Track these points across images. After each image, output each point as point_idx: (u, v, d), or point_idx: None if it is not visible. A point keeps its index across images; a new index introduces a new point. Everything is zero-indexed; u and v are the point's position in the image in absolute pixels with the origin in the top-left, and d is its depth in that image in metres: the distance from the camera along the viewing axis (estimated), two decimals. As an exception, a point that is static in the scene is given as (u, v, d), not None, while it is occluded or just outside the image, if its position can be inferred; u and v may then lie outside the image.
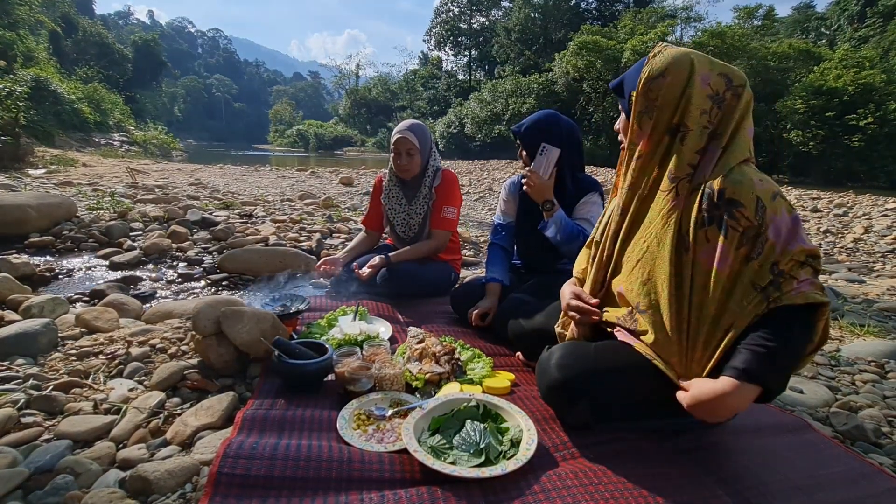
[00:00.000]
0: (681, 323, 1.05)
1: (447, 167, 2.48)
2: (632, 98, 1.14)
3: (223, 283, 2.71)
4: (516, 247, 2.13)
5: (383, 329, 1.84)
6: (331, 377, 1.44)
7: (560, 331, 1.39)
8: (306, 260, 2.86)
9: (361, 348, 1.53)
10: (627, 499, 0.98)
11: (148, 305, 2.23)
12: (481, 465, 1.04)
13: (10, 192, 4.66)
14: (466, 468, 1.02)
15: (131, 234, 3.54)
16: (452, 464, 1.04)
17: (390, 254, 2.29)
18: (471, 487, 0.99)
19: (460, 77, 46.03)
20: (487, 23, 44.33)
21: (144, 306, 2.18)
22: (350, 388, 1.35)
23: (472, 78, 44.57)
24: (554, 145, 1.76)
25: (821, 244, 5.67)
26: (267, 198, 6.58)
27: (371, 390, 1.37)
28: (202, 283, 2.73)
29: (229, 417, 1.24)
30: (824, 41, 27.85)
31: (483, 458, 1.06)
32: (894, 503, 1.07)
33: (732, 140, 1.05)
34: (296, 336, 1.69)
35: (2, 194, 3.90)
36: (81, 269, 2.85)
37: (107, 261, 2.97)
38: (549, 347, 1.29)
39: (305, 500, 0.94)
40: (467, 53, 45.95)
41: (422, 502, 0.94)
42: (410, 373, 1.44)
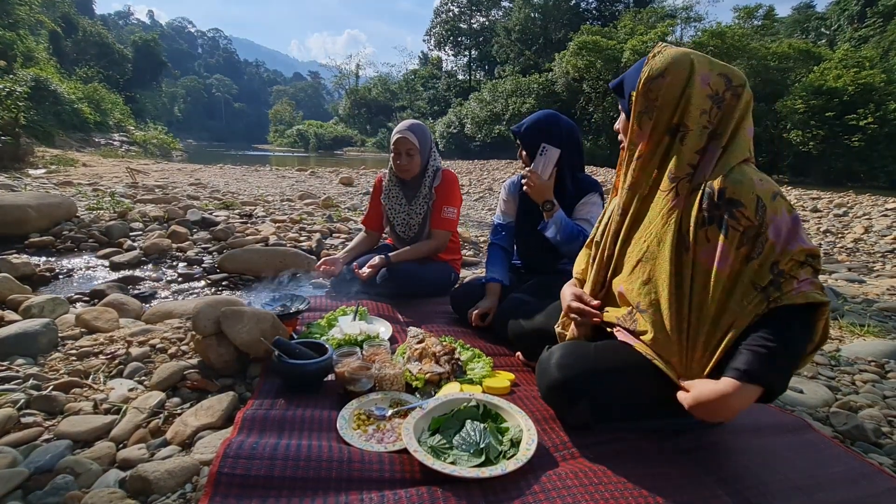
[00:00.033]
0: (681, 322, 1.05)
1: (447, 167, 2.48)
2: (632, 98, 1.14)
3: (223, 283, 2.71)
4: (516, 247, 2.13)
5: (383, 329, 1.84)
6: (331, 377, 1.44)
7: (560, 331, 1.39)
8: (306, 260, 2.85)
9: (361, 348, 1.53)
10: (627, 499, 0.98)
11: (148, 305, 2.23)
12: (481, 465, 1.04)
13: (10, 192, 4.66)
14: (466, 468, 1.02)
15: (131, 234, 3.55)
16: (452, 464, 1.04)
17: (390, 254, 2.29)
18: (471, 487, 0.99)
19: (460, 77, 46.02)
20: (487, 23, 44.33)
21: (144, 306, 2.18)
22: (350, 388, 1.35)
23: (472, 78, 44.56)
24: (554, 145, 1.76)
25: (821, 244, 5.68)
26: (267, 198, 6.58)
27: (371, 390, 1.37)
28: (202, 283, 2.73)
29: (229, 417, 1.24)
30: (824, 41, 27.86)
31: (483, 458, 1.06)
32: (894, 503, 1.07)
33: (732, 140, 1.05)
34: (296, 336, 1.69)
35: (2, 194, 3.90)
36: (81, 269, 2.85)
37: (107, 261, 2.97)
38: (549, 347, 1.29)
39: (305, 500, 0.94)
40: (467, 53, 45.94)
41: (422, 502, 0.94)
42: (410, 373, 1.44)
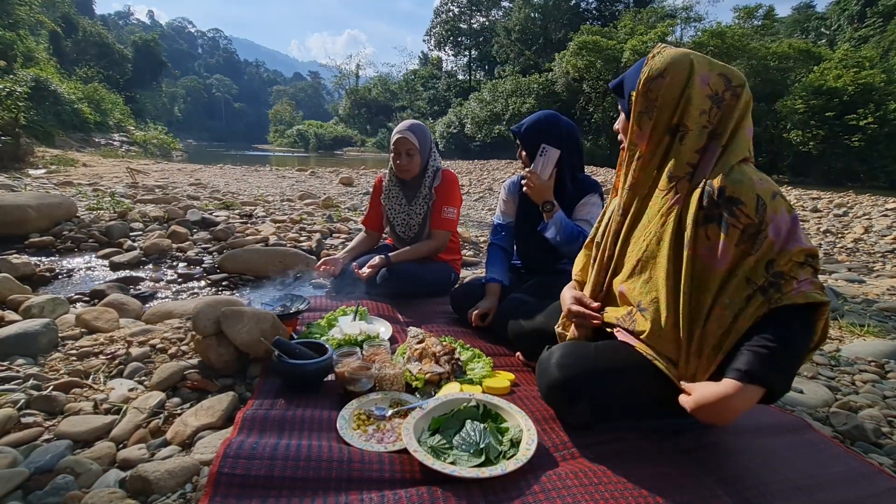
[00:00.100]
0: (680, 320, 1.05)
1: (447, 167, 2.48)
2: (631, 98, 1.14)
3: (223, 283, 2.71)
4: (516, 247, 2.13)
5: (383, 329, 1.84)
6: (331, 377, 1.44)
7: (560, 331, 1.39)
8: (306, 260, 2.86)
9: (361, 348, 1.53)
10: (627, 499, 0.98)
11: (148, 305, 2.23)
12: (481, 465, 1.04)
13: (10, 192, 4.67)
14: (466, 468, 1.02)
15: (131, 234, 3.55)
16: (452, 464, 1.04)
17: (390, 254, 2.29)
18: (471, 487, 0.99)
19: (460, 77, 46.01)
20: (487, 23, 44.32)
21: (144, 306, 2.18)
22: (350, 388, 1.35)
23: (472, 78, 44.56)
24: (554, 146, 1.76)
25: (821, 244, 5.68)
26: (267, 198, 6.58)
27: (371, 390, 1.37)
28: (202, 283, 2.73)
29: (229, 417, 1.24)
30: (824, 41, 27.86)
31: (483, 458, 1.06)
32: (894, 503, 1.07)
33: (732, 139, 1.05)
34: (296, 336, 1.69)
35: (2, 194, 3.90)
36: (81, 269, 2.85)
37: (107, 261, 2.97)
38: (549, 347, 1.29)
39: (305, 500, 0.94)
40: (467, 53, 45.93)
41: (422, 502, 0.94)
42: (410, 373, 1.44)
